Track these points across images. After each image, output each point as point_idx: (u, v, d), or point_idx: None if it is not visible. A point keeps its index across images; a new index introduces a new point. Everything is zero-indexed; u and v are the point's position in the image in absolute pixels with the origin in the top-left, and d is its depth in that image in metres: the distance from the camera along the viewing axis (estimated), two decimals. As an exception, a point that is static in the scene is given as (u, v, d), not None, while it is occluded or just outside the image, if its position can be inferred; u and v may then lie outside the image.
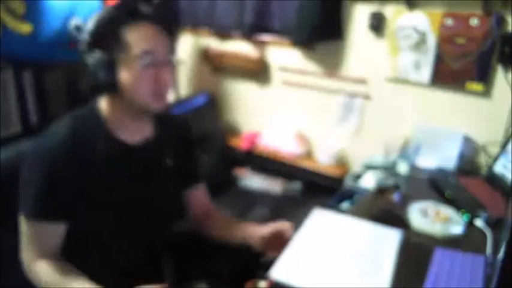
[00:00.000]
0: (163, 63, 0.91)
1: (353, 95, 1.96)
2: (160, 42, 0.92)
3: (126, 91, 0.91)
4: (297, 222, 1.70)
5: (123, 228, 0.98)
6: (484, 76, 1.63)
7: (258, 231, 1.06)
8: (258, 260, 1.43)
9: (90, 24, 0.89)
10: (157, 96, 0.92)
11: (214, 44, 2.32)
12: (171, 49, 0.95)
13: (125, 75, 0.89)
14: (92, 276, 0.89)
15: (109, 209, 0.95)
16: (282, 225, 1.05)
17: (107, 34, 0.88)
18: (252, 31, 2.13)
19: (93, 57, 0.88)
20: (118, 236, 0.99)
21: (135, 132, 0.99)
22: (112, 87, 0.91)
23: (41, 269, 0.89)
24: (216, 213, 1.18)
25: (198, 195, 1.16)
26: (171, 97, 2.39)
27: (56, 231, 0.92)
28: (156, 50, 0.90)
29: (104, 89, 0.92)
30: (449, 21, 1.66)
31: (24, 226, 0.91)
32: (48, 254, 0.90)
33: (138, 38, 0.89)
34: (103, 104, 0.96)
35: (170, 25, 0.96)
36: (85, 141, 0.92)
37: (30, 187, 0.90)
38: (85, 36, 0.90)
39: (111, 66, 0.88)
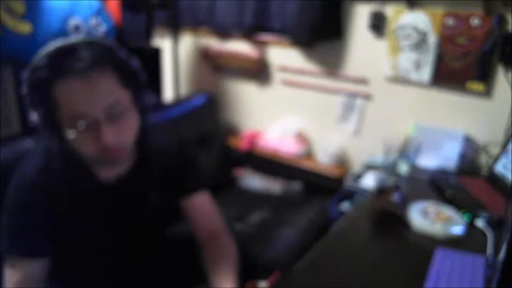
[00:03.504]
0: (103, 122, 0.79)
1: (353, 95, 1.96)
2: (96, 98, 0.78)
3: (73, 147, 0.83)
4: (297, 222, 1.71)
5: (104, 261, 0.98)
6: (485, 76, 1.63)
7: None
8: (257, 260, 1.43)
9: (25, 79, 0.81)
10: (105, 153, 0.82)
11: (214, 43, 2.32)
12: (116, 99, 0.81)
13: (66, 134, 0.81)
14: None
15: (85, 244, 0.94)
16: None
17: (39, 94, 0.79)
18: (252, 31, 2.13)
19: (36, 114, 0.82)
20: (101, 267, 0.98)
21: (108, 169, 0.92)
22: (59, 142, 0.84)
23: None
24: (220, 247, 1.03)
25: (196, 206, 1.06)
26: (170, 97, 2.39)
27: (30, 267, 0.88)
28: (91, 110, 0.78)
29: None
30: (450, 21, 1.65)
31: (5, 262, 0.88)
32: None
33: (68, 100, 0.78)
34: None
35: (117, 68, 0.82)
36: (57, 175, 0.88)
37: (5, 223, 0.88)
38: (24, 90, 0.82)
39: (52, 125, 0.81)
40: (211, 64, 2.36)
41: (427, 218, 1.21)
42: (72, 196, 0.90)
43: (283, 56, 2.12)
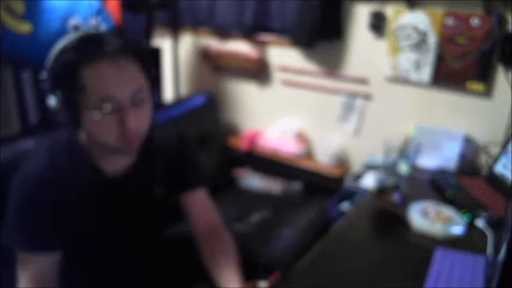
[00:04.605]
0: (127, 107, 0.82)
1: (353, 95, 1.96)
2: (124, 82, 0.82)
3: (90, 133, 0.85)
4: (297, 222, 1.71)
5: (107, 256, 0.99)
6: (485, 76, 1.63)
7: None
8: (257, 260, 1.43)
9: (49, 63, 0.83)
10: (125, 140, 0.84)
11: (214, 43, 2.32)
12: (140, 86, 0.85)
13: (86, 119, 0.83)
14: None
15: (90, 239, 0.94)
16: None
17: (65, 76, 0.81)
18: (252, 31, 2.13)
19: (54, 97, 0.83)
20: (104, 262, 0.99)
21: (113, 162, 0.93)
22: (76, 127, 0.86)
23: None
24: (220, 242, 1.03)
25: (196, 202, 1.07)
26: (170, 98, 2.39)
27: (43, 261, 0.89)
28: (118, 94, 0.81)
29: (69, 126, 0.87)
30: (450, 21, 1.65)
31: (17, 256, 0.89)
32: (41, 284, 0.88)
33: (96, 82, 0.80)
34: (82, 132, 0.92)
35: (141, 57, 0.86)
36: (62, 171, 0.89)
37: (13, 220, 0.88)
38: (45, 75, 0.84)
39: (72, 109, 0.82)
40: (211, 64, 2.36)
41: (427, 218, 1.21)
42: (78, 191, 0.90)
43: (283, 56, 2.12)
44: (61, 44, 0.83)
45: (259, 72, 2.20)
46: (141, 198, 1.00)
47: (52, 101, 0.84)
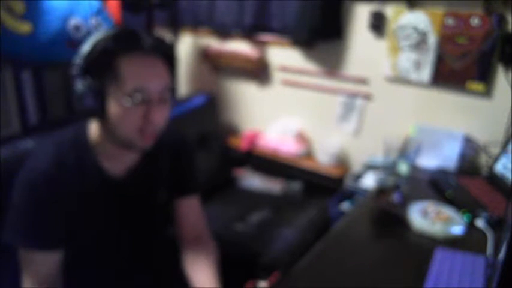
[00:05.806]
0: (155, 101, 0.86)
1: (353, 95, 1.96)
2: (155, 77, 0.86)
3: (112, 123, 0.87)
4: (297, 222, 1.71)
5: (107, 257, 0.99)
6: (485, 76, 1.63)
7: None
8: (257, 260, 1.43)
9: (85, 49, 0.85)
10: (144, 134, 0.87)
11: (214, 43, 2.32)
12: (167, 84, 0.89)
13: (112, 107, 0.85)
14: None
15: (92, 238, 0.95)
16: None
17: (100, 63, 0.84)
18: (252, 30, 2.13)
19: (83, 83, 0.85)
20: (104, 261, 0.99)
21: (120, 162, 0.94)
22: (98, 115, 0.87)
23: None
24: (201, 249, 1.06)
25: (188, 207, 1.09)
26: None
27: (47, 259, 0.89)
28: (149, 86, 0.84)
29: (90, 115, 0.89)
30: (450, 21, 1.65)
31: (19, 254, 0.89)
32: (46, 282, 0.88)
33: (131, 72, 0.83)
34: (93, 127, 0.92)
35: (170, 58, 0.90)
36: (69, 169, 0.89)
37: (19, 217, 0.88)
38: (78, 60, 0.86)
39: (100, 96, 0.84)
40: (211, 64, 2.36)
41: (427, 218, 1.21)
42: (82, 189, 0.91)
43: (283, 56, 2.12)
44: (99, 34, 0.86)
45: (259, 72, 2.20)
46: (144, 199, 1.01)
47: (80, 86, 0.85)
